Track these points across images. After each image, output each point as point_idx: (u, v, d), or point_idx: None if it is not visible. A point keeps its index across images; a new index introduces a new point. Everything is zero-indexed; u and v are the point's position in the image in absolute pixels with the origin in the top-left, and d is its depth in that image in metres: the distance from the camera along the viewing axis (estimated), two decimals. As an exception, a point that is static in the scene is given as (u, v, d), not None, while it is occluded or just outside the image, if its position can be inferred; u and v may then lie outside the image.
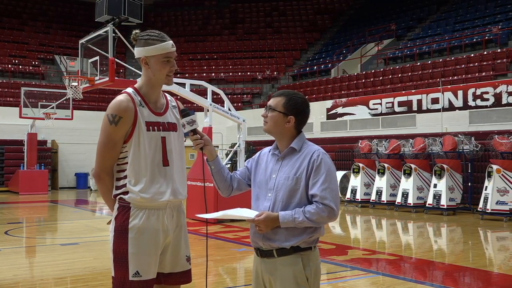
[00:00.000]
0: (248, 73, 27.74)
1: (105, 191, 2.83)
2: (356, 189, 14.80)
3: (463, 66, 17.61)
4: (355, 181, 14.89)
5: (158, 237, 2.76)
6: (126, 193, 2.75)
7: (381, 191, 14.04)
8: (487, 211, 11.42)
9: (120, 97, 2.76)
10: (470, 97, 14.81)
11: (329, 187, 2.53)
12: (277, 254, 2.58)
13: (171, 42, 2.79)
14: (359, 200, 14.62)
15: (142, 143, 2.73)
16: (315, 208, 2.49)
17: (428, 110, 15.81)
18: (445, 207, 12.49)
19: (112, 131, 2.72)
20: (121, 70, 22.77)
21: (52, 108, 19.19)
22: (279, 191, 2.60)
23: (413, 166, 13.33)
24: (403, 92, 17.18)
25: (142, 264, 2.71)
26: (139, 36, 2.79)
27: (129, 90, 2.81)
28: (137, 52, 2.79)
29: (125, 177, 2.75)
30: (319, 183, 2.53)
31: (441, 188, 12.58)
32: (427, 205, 12.88)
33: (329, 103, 18.99)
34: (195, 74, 27.14)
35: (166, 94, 2.99)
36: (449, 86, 15.67)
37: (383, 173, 14.10)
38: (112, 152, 2.76)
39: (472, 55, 18.31)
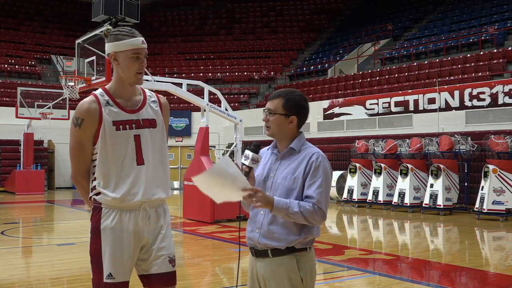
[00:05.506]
0: (245, 73, 27.73)
1: (83, 193, 2.81)
2: (352, 189, 14.82)
3: (459, 66, 17.65)
4: (352, 181, 14.90)
5: (131, 239, 2.69)
6: (98, 193, 2.70)
7: (378, 191, 14.06)
8: (483, 211, 11.45)
9: (84, 100, 2.72)
10: (466, 97, 14.84)
11: (324, 191, 2.53)
12: (272, 254, 2.58)
13: (141, 38, 2.72)
14: (356, 200, 14.64)
15: (109, 144, 2.66)
16: (311, 207, 2.49)
17: (425, 110, 15.84)
18: (441, 207, 12.52)
19: (77, 134, 2.69)
20: (117, 70, 22.70)
21: (49, 108, 19.13)
22: (276, 190, 2.60)
23: (409, 166, 13.35)
24: (400, 92, 17.20)
25: (115, 266, 2.66)
26: (110, 32, 2.75)
27: (97, 91, 2.76)
28: (107, 47, 2.74)
29: (95, 178, 2.71)
30: (315, 185, 2.53)
31: (438, 188, 12.61)
32: (423, 205, 12.90)
33: (326, 103, 19.00)
34: (192, 74, 27.12)
35: (146, 90, 2.88)
36: (445, 86, 15.70)
37: (379, 173, 14.12)
38: (82, 155, 2.72)
39: (469, 55, 18.35)
